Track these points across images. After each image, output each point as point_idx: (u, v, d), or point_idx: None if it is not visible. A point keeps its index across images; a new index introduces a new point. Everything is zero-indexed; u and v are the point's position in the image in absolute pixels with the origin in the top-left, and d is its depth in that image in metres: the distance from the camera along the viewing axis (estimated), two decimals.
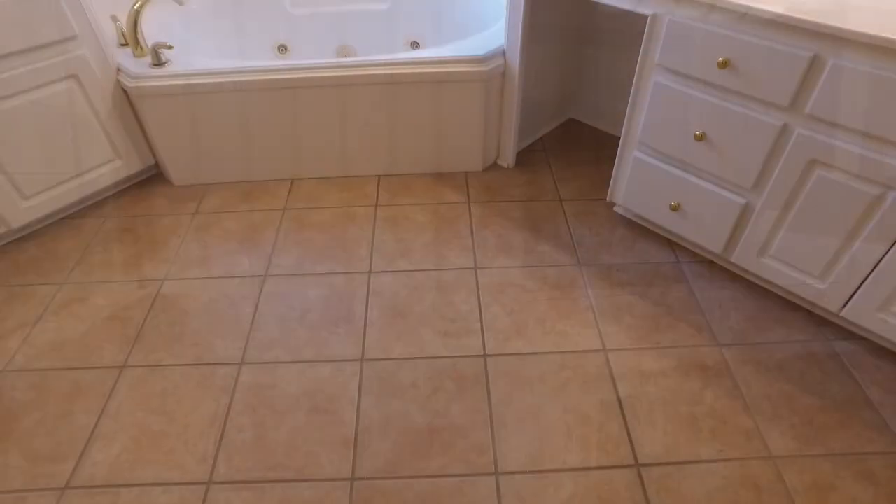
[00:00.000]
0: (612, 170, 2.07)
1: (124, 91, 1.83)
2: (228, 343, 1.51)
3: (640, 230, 1.82)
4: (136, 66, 1.79)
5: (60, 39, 1.63)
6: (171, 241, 1.83)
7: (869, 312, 1.36)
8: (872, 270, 1.30)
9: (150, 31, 1.98)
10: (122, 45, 1.92)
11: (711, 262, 1.71)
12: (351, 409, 1.35)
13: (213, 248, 1.80)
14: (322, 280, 1.68)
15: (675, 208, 1.60)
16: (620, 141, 1.65)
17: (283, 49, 2.49)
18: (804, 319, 1.54)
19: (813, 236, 1.36)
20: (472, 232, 1.83)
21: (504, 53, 1.82)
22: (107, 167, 1.91)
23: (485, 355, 1.47)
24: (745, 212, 1.47)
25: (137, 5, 1.79)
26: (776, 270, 1.48)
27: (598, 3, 1.97)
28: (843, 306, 1.40)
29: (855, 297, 1.36)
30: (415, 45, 2.51)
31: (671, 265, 1.71)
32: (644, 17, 1.43)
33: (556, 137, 2.28)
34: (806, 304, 1.56)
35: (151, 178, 2.10)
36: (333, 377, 1.42)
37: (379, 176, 2.08)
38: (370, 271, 1.71)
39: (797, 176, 1.31)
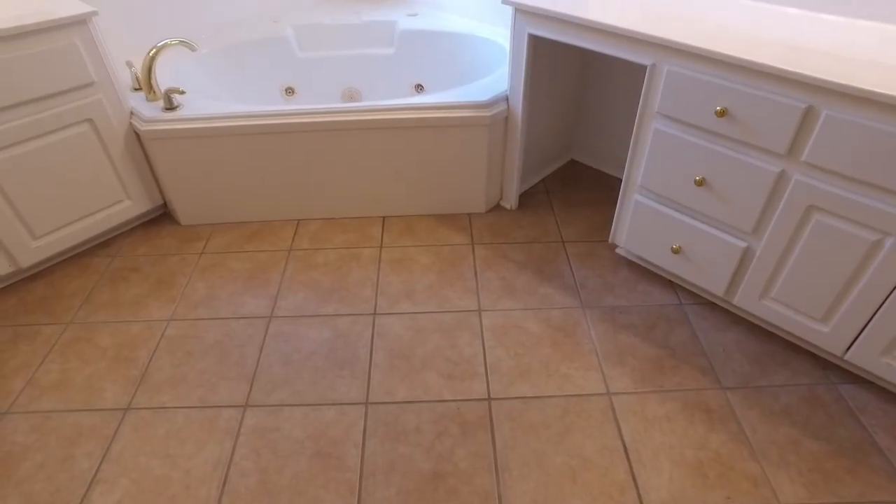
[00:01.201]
0: (613, 211, 2.10)
1: (136, 134, 1.88)
2: (233, 385, 1.51)
3: (643, 272, 1.84)
4: (148, 110, 1.84)
5: (79, 86, 1.68)
6: (177, 281, 1.84)
7: (873, 356, 1.36)
8: (874, 314, 1.31)
9: (163, 76, 2.05)
10: (136, 89, 1.98)
11: (714, 304, 1.72)
12: (355, 453, 1.34)
13: (219, 289, 1.81)
14: (327, 322, 1.69)
15: (676, 251, 1.61)
16: (622, 184, 1.68)
17: (290, 91, 2.55)
18: (809, 362, 1.54)
19: (814, 280, 1.37)
20: (475, 274, 1.85)
21: (507, 99, 1.87)
22: (116, 207, 1.94)
23: (489, 399, 1.46)
24: (746, 255, 1.48)
25: (153, 52, 1.85)
26: (778, 313, 1.49)
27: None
28: (847, 350, 1.41)
29: (858, 340, 1.37)
30: (419, 87, 2.58)
31: (674, 307, 1.71)
32: (644, 66, 1.48)
33: (558, 179, 2.32)
34: (810, 346, 1.57)
35: (159, 218, 2.13)
36: (338, 421, 1.42)
37: (383, 217, 2.11)
38: (375, 313, 1.72)
39: (796, 221, 1.33)
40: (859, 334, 1.36)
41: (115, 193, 1.92)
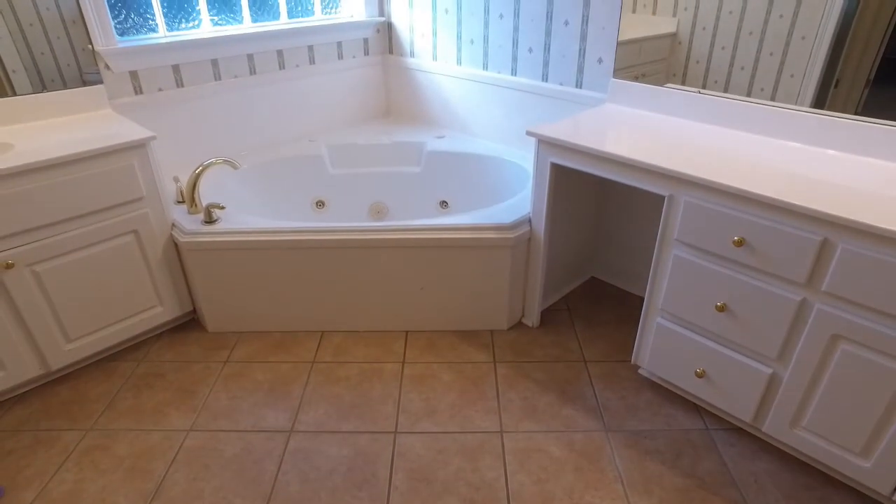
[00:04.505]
0: (635, 329, 2.11)
1: (175, 244, 1.98)
2: None
3: (667, 394, 1.81)
4: (189, 223, 1.95)
5: (130, 200, 1.80)
6: (200, 390, 1.85)
7: None
8: None
9: (205, 187, 2.19)
10: (179, 202, 2.11)
11: (742, 430, 1.67)
12: None
13: (240, 399, 1.81)
14: (347, 439, 1.66)
15: (700, 375, 1.60)
16: (643, 307, 1.70)
17: (320, 204, 2.68)
18: (852, 498, 1.46)
19: (847, 411, 1.34)
20: (497, 394, 1.83)
21: (530, 221, 1.95)
22: (148, 313, 2.00)
23: None
24: (773, 381, 1.46)
25: (199, 170, 2.00)
26: (812, 444, 1.44)
27: None
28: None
29: None
30: (444, 204, 2.70)
31: (700, 432, 1.67)
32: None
33: (579, 296, 2.35)
34: (851, 481, 1.49)
35: (187, 324, 2.18)
36: None
37: (406, 332, 2.13)
38: (396, 431, 1.69)
39: (821, 349, 1.33)
40: None
41: (149, 299, 1.98)
